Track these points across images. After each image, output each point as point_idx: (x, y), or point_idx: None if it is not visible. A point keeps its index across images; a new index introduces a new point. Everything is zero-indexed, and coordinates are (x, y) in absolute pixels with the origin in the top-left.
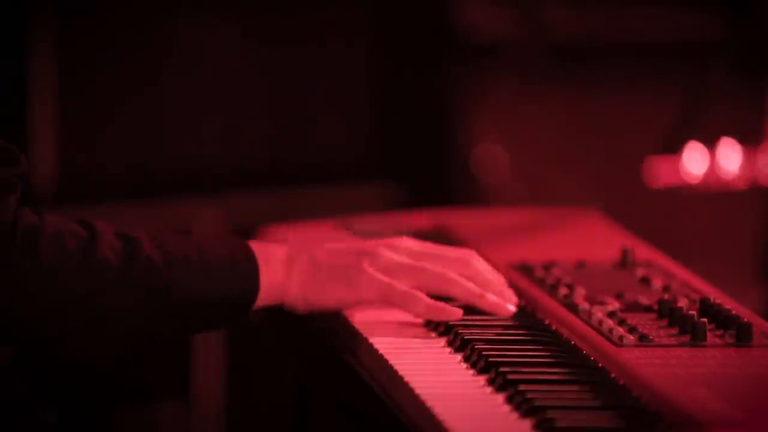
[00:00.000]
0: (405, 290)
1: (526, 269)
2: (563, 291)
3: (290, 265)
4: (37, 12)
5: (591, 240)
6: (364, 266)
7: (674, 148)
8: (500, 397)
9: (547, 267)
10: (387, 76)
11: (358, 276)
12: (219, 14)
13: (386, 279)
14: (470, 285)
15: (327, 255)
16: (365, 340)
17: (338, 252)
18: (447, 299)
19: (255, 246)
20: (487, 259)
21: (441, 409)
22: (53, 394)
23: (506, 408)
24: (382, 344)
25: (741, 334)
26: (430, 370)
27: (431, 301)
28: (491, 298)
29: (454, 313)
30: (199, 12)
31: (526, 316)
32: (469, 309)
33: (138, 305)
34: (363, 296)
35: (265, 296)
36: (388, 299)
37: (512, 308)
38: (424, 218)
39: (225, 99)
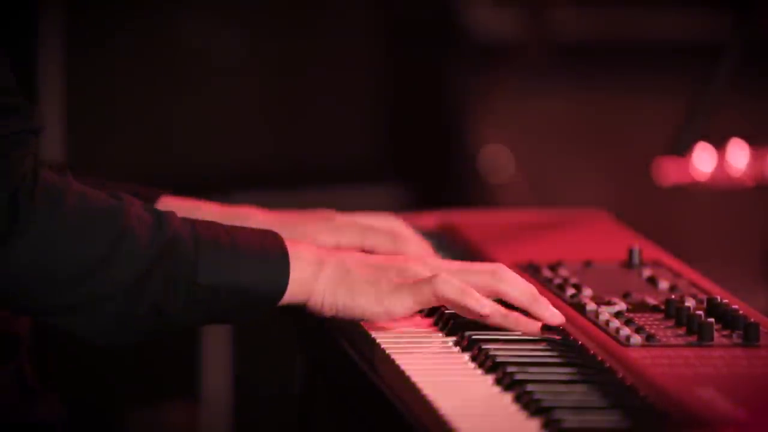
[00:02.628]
0: (433, 301)
1: (533, 269)
2: (570, 291)
3: (320, 267)
4: (44, 14)
5: (598, 240)
6: (395, 279)
7: (683, 150)
8: (508, 397)
9: (554, 267)
10: (394, 77)
11: (389, 287)
12: (228, 15)
13: (417, 296)
14: (497, 307)
15: (357, 263)
16: (373, 340)
17: (368, 262)
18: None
19: (287, 241)
20: (495, 260)
21: (448, 409)
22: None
23: (514, 408)
24: (388, 342)
25: (748, 334)
26: (436, 369)
27: (463, 286)
28: (517, 316)
29: (483, 307)
30: (208, 13)
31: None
32: None
33: (161, 280)
34: (392, 312)
35: (291, 293)
36: (417, 303)
37: (554, 320)
38: (431, 219)
39: (233, 100)
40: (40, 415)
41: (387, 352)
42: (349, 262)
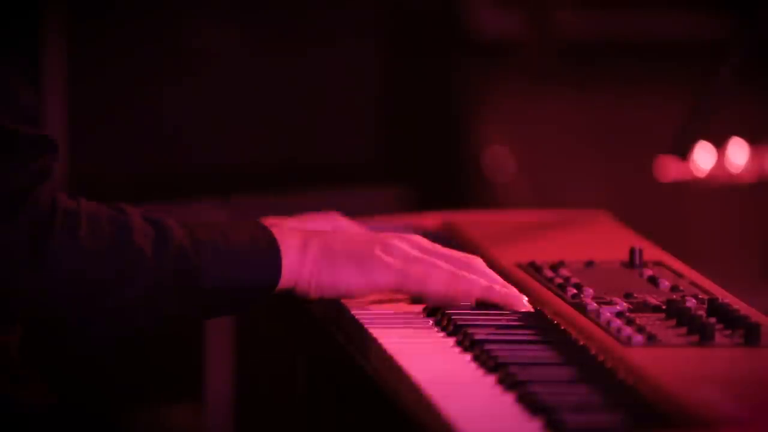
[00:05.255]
0: (420, 273)
1: (534, 269)
2: (571, 291)
3: (304, 250)
4: (47, 16)
5: (599, 240)
6: (377, 253)
7: (684, 151)
8: (510, 397)
9: (556, 267)
10: (396, 78)
11: (372, 262)
12: (229, 16)
13: (401, 265)
14: (481, 280)
15: (340, 241)
16: (375, 340)
17: (351, 239)
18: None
19: (274, 231)
20: (496, 259)
21: (451, 409)
22: (65, 394)
23: (516, 408)
24: (390, 343)
25: (749, 334)
26: (438, 370)
27: (447, 284)
28: (502, 289)
29: (471, 296)
30: (209, 14)
31: (534, 316)
32: (478, 305)
33: (168, 290)
34: (376, 282)
35: (281, 281)
36: (403, 284)
37: (526, 301)
38: (433, 219)
39: (234, 100)
40: (27, 404)
41: (389, 353)
42: (332, 240)
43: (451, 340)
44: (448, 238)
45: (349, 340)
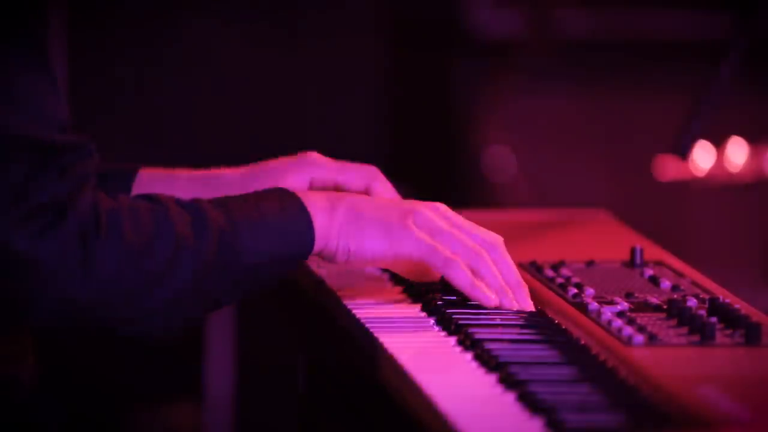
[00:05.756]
0: (448, 256)
1: (535, 269)
2: (572, 291)
3: (331, 212)
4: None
5: (600, 240)
6: (407, 222)
7: (685, 151)
8: (510, 396)
9: (557, 267)
10: (396, 77)
11: (401, 232)
12: (229, 14)
13: (429, 239)
14: (500, 278)
15: (370, 207)
16: (376, 340)
17: (381, 205)
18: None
19: (301, 196)
20: None
21: (451, 409)
22: (66, 393)
23: (516, 407)
24: (391, 342)
25: (750, 334)
26: (440, 368)
27: (472, 278)
28: (512, 300)
29: (490, 300)
30: (209, 12)
31: (535, 315)
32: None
33: (214, 272)
34: (403, 252)
35: (315, 246)
36: (428, 260)
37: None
38: None
39: (235, 100)
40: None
41: (389, 351)
42: (360, 204)
43: (452, 340)
44: None
45: (348, 339)
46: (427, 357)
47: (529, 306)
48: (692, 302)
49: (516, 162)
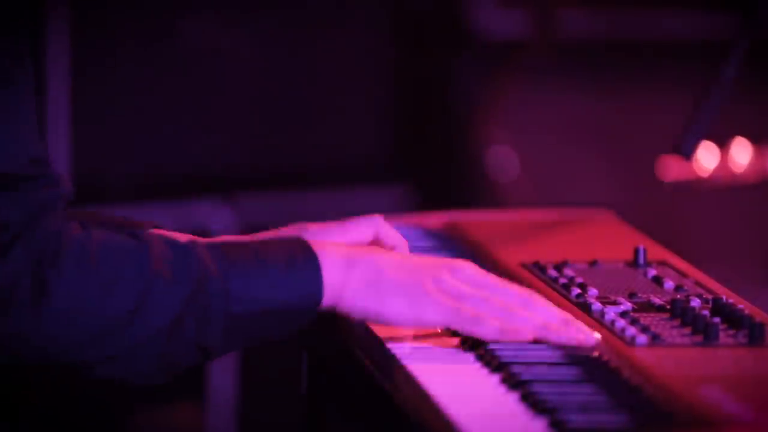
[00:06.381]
0: (472, 314)
1: (538, 269)
2: (575, 291)
3: (349, 267)
4: (50, 15)
5: (603, 240)
6: (429, 287)
7: (689, 151)
8: (513, 397)
9: (560, 267)
10: (399, 77)
11: (422, 297)
12: (233, 16)
13: (452, 303)
14: (536, 318)
15: (389, 266)
16: (376, 338)
17: (401, 265)
18: None
19: (313, 244)
20: (500, 259)
21: (454, 409)
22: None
23: (519, 407)
24: (393, 342)
25: (753, 334)
26: (442, 369)
27: (501, 324)
28: (560, 327)
29: (526, 336)
30: (213, 13)
31: None
32: None
33: (195, 320)
34: (426, 319)
35: (324, 300)
36: (453, 324)
37: (596, 335)
38: (436, 219)
39: (238, 99)
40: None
41: (392, 352)
42: (381, 262)
43: (455, 340)
44: (451, 237)
45: (351, 339)
46: (428, 356)
47: (588, 338)
48: (695, 302)
49: (519, 162)
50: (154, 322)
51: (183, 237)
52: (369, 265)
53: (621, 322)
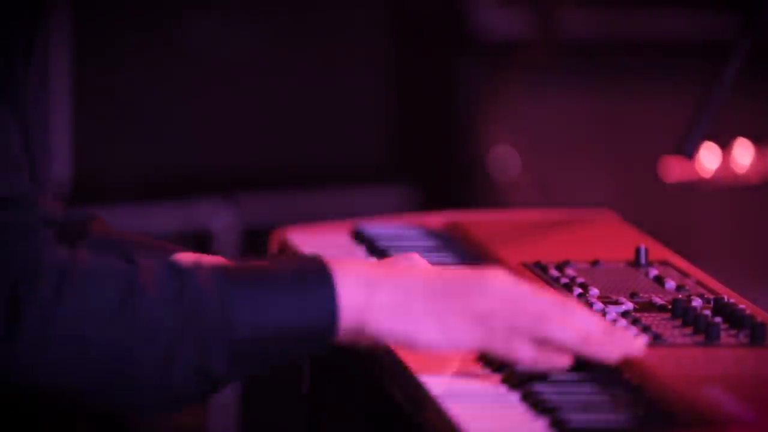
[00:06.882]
0: (506, 341)
1: (540, 268)
2: (577, 290)
3: (370, 288)
4: (52, 18)
5: (604, 239)
6: (459, 310)
7: (690, 151)
8: (514, 396)
9: (561, 266)
10: (401, 77)
11: (455, 319)
12: (234, 15)
13: (485, 326)
14: (572, 332)
15: (417, 284)
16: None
17: (428, 284)
18: None
19: (332, 265)
20: (502, 259)
21: (455, 408)
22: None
23: (520, 407)
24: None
25: (755, 334)
26: (442, 368)
27: (535, 354)
28: (601, 337)
29: (562, 364)
30: (215, 13)
31: None
32: None
33: (193, 346)
34: (458, 342)
35: (342, 323)
36: (487, 351)
37: (643, 340)
38: (438, 219)
39: (239, 100)
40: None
41: (393, 352)
42: (407, 281)
43: None
44: (453, 237)
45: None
46: (430, 358)
47: (637, 347)
48: (697, 302)
49: (520, 162)
50: (144, 354)
51: (208, 260)
52: (394, 288)
53: (622, 322)
